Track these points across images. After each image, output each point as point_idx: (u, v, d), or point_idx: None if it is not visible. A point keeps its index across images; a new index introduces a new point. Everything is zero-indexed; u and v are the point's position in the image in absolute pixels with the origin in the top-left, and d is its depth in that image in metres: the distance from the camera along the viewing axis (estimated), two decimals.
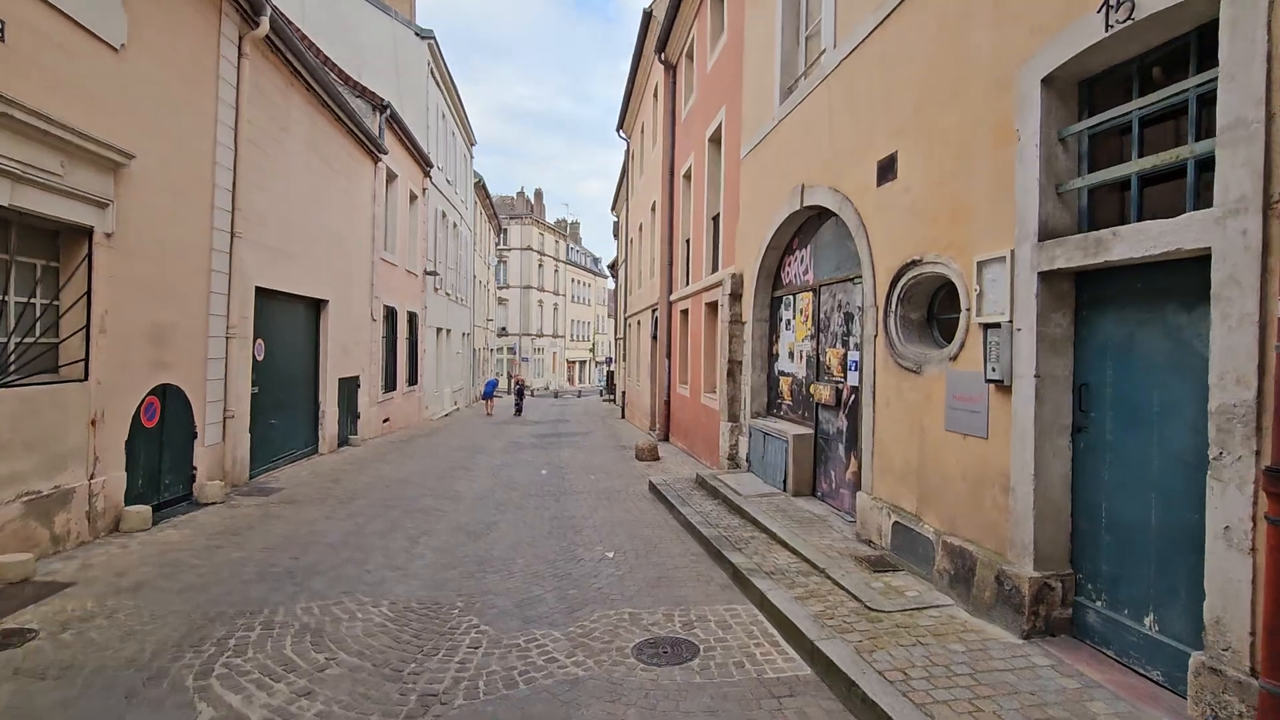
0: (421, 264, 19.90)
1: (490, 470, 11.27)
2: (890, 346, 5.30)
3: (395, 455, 12.78)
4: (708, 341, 12.11)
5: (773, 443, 7.90)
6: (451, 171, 24.69)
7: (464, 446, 14.56)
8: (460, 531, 7.17)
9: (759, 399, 8.97)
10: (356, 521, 7.48)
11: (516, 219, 52.83)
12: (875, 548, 5.43)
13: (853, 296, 6.54)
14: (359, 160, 14.01)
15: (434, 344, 21.95)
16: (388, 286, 16.41)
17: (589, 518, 7.84)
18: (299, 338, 11.44)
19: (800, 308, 7.90)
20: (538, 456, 13.10)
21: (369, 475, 10.45)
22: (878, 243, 5.55)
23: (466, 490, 9.47)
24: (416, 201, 19.31)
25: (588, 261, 67.55)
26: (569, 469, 11.50)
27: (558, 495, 9.18)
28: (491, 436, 16.92)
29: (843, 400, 6.71)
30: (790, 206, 7.50)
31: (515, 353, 51.49)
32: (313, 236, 11.47)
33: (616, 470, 11.35)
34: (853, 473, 6.47)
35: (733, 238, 10.06)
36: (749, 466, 8.85)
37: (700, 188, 12.70)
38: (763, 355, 8.96)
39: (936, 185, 4.72)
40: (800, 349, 7.90)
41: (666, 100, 15.79)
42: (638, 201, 21.07)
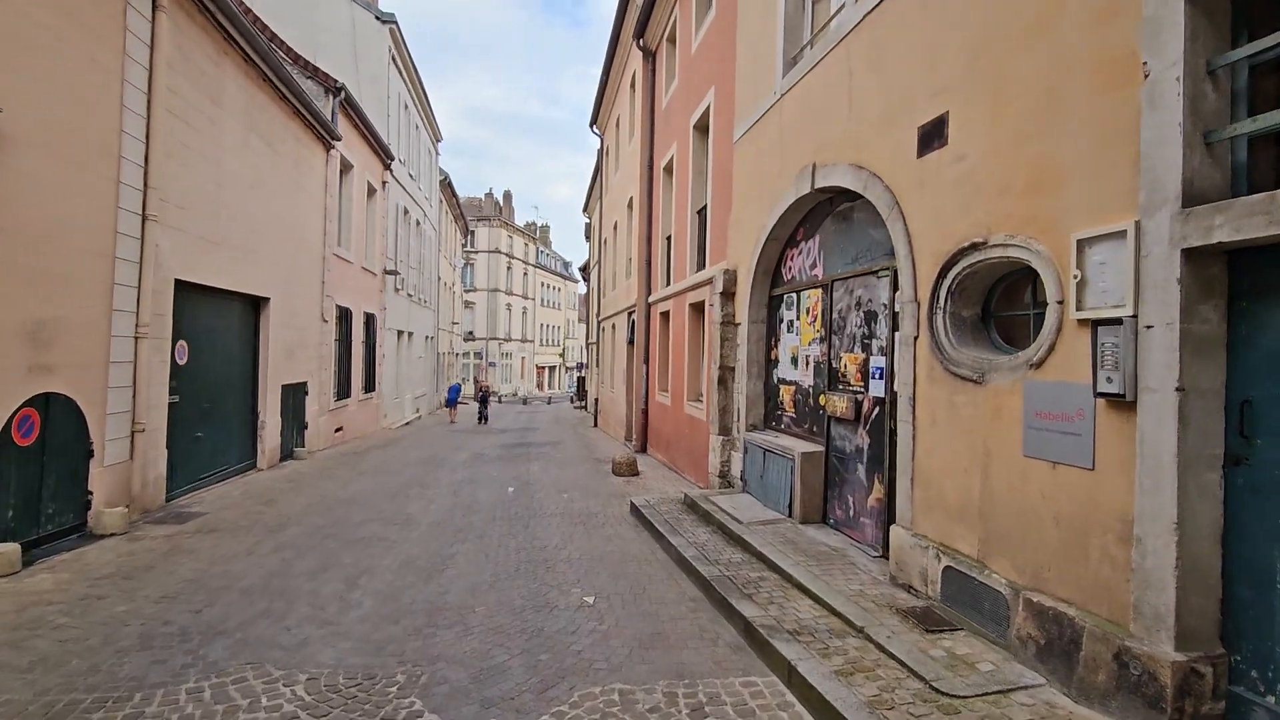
0: (381, 262, 18.58)
1: (450, 488, 10.09)
2: (938, 351, 4.33)
3: (345, 470, 11.50)
4: (692, 346, 11.12)
5: (775, 460, 6.91)
6: (415, 166, 23.38)
7: (423, 459, 13.31)
8: (410, 569, 6.01)
9: (755, 410, 7.98)
10: (284, 557, 6.27)
11: (484, 221, 51.41)
12: (918, 595, 4.45)
13: (877, 292, 5.59)
14: (308, 146, 12.74)
15: (394, 348, 20.60)
16: (342, 285, 15.10)
17: (563, 549, 6.75)
18: (233, 339, 10.13)
19: (806, 307, 6.94)
20: (504, 471, 11.94)
21: (310, 495, 9.19)
22: (919, 225, 4.59)
23: (421, 513, 8.29)
24: (375, 195, 18.01)
25: (558, 265, 66.29)
26: (538, 486, 10.38)
27: (526, 519, 8.06)
28: (454, 448, 15.68)
29: (863, 414, 5.75)
30: (797, 191, 6.54)
31: (482, 358, 49.95)
32: (252, 226, 10.19)
33: (592, 488, 10.26)
34: (877, 499, 5.50)
35: (723, 231, 9.09)
36: (744, 486, 7.85)
37: (684, 180, 11.73)
38: (759, 361, 7.98)
39: (1007, 148, 3.78)
40: (806, 354, 6.94)
41: (645, 89, 14.81)
42: (613, 199, 20.05)
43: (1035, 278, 3.97)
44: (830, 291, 6.41)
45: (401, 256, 21.18)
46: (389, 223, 19.37)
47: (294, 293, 12.09)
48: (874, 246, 5.67)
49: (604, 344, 21.76)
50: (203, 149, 8.60)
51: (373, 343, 17.90)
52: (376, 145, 17.29)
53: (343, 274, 15.19)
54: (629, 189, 16.45)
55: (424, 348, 26.00)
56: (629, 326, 16.31)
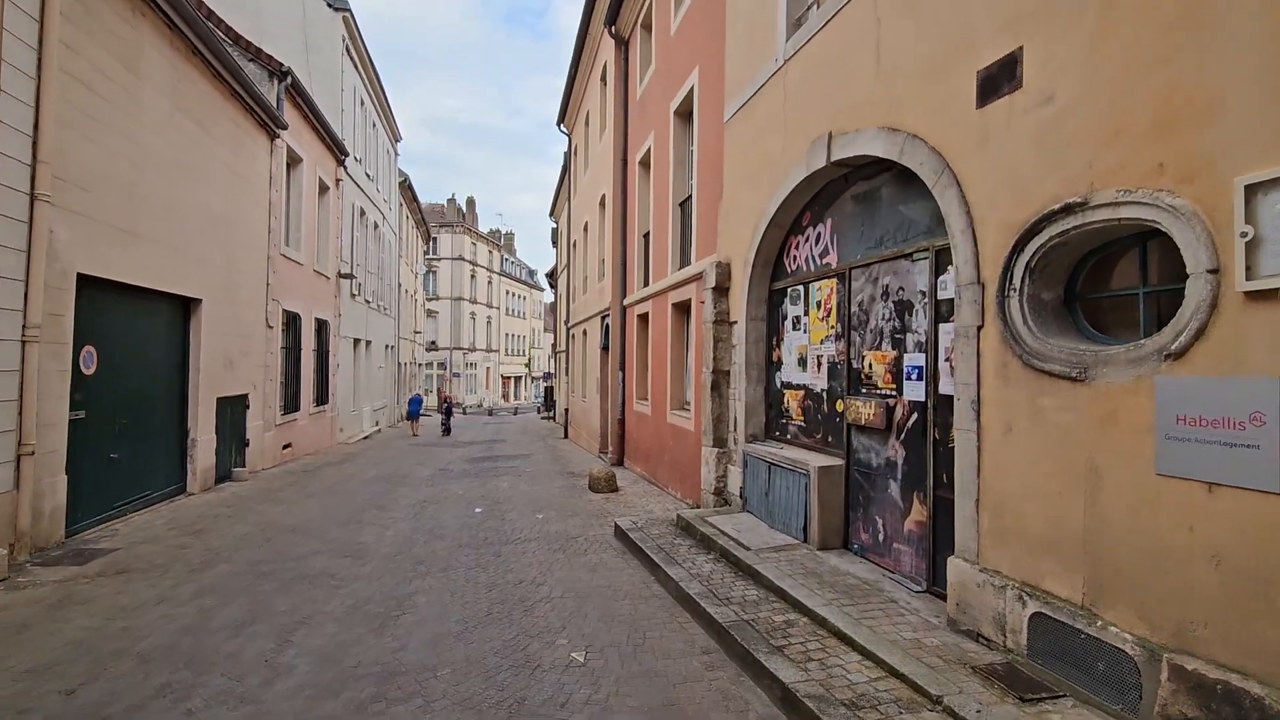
0: (335, 265, 17.33)
1: (411, 510, 8.99)
2: (1014, 343, 3.51)
3: (291, 492, 10.30)
4: (675, 349, 10.24)
5: (783, 476, 6.03)
6: (372, 166, 22.14)
7: (381, 477, 12.14)
8: (359, 616, 4.97)
9: (755, 418, 7.11)
10: (205, 605, 5.16)
11: (447, 227, 49.98)
12: (993, 647, 3.60)
13: (911, 279, 4.78)
14: (249, 132, 11.55)
15: (350, 357, 19.29)
16: (290, 288, 13.86)
17: (542, 583, 5.77)
18: (158, 346, 8.90)
19: (817, 300, 6.10)
20: (471, 488, 10.87)
21: (248, 523, 8.01)
22: (982, 191, 3.77)
23: (376, 542, 7.21)
24: (328, 194, 16.78)
25: (523, 273, 65.01)
26: (509, 505, 9.34)
27: (497, 546, 7.05)
28: (416, 462, 14.50)
29: (896, 421, 4.91)
30: (808, 167, 5.71)
31: (446, 368, 48.38)
32: (180, 217, 8.99)
33: (569, 505, 9.27)
34: (918, 523, 4.66)
35: (712, 222, 8.24)
36: (745, 505, 6.96)
37: (663, 171, 10.88)
38: (759, 363, 7.13)
39: (1122, 80, 2.98)
40: (818, 353, 6.09)
41: (618, 80, 13.96)
42: (582, 199, 19.13)
43: (1143, 247, 3.17)
44: (848, 281, 5.58)
45: (358, 260, 19.91)
46: (344, 223, 18.12)
47: (233, 295, 10.87)
48: (907, 225, 4.86)
49: (574, 351, 20.77)
50: (114, 123, 7.43)
51: (325, 351, 16.62)
52: (329, 139, 16.08)
53: (291, 276, 13.95)
54: (601, 187, 15.56)
55: (384, 357, 24.66)
56: (602, 331, 15.38)
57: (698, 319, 8.78)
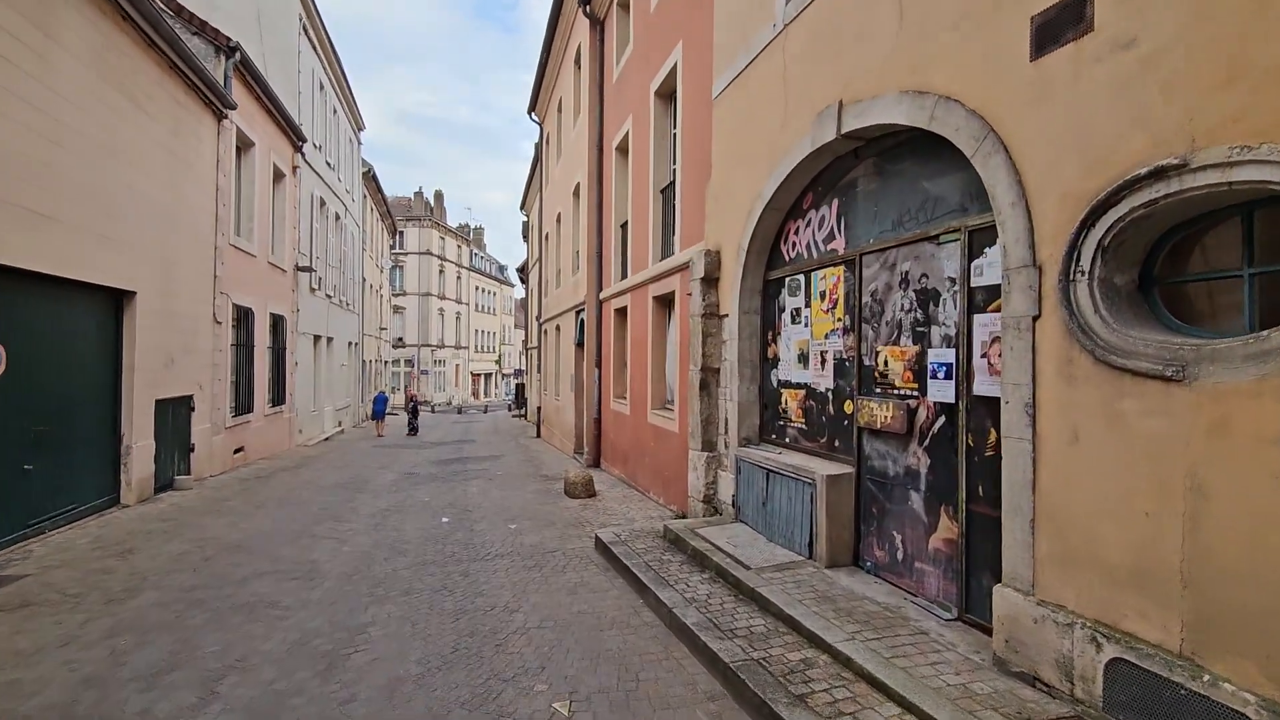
0: (292, 258, 16.34)
1: (371, 520, 8.23)
2: (1084, 335, 2.95)
3: (240, 502, 9.44)
4: (656, 345, 9.62)
5: (784, 485, 5.45)
6: (334, 154, 21.09)
7: (341, 483, 11.31)
8: (302, 655, 4.26)
9: (749, 420, 6.53)
10: (118, 647, 4.40)
11: (414, 221, 48.68)
12: (1057, 695, 3.05)
13: (937, 264, 4.22)
14: (192, 112, 10.61)
15: (310, 354, 18.30)
16: (241, 281, 12.91)
17: (515, 609, 5.11)
18: (84, 344, 8.00)
19: (821, 290, 5.53)
20: (438, 494, 10.12)
21: (185, 540, 7.19)
22: (1037, 156, 3.21)
23: (330, 560, 6.47)
24: (284, 181, 15.79)
25: (493, 269, 63.80)
26: (479, 513, 8.64)
27: (465, 563, 6.36)
28: (380, 466, 13.67)
29: (918, 425, 4.36)
30: (813, 141, 5.13)
31: (413, 366, 47.14)
32: (108, 201, 8.09)
33: (543, 514, 8.60)
34: (946, 541, 4.11)
35: (699, 207, 7.64)
36: (738, 514, 6.38)
37: (643, 156, 10.24)
38: (753, 360, 6.54)
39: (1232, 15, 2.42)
40: (822, 349, 5.52)
41: (593, 62, 13.27)
42: (555, 189, 18.39)
43: (1248, 219, 2.64)
44: (858, 269, 5.01)
45: (318, 253, 18.91)
46: (302, 214, 17.12)
47: (174, 288, 9.95)
48: (932, 204, 4.30)
49: (546, 348, 20.04)
50: (22, 91, 6.55)
51: (282, 348, 15.66)
52: (284, 123, 15.10)
53: (243, 268, 13.00)
54: (575, 175, 14.86)
55: (347, 355, 23.62)
56: (577, 327, 14.70)
57: (683, 312, 8.18)
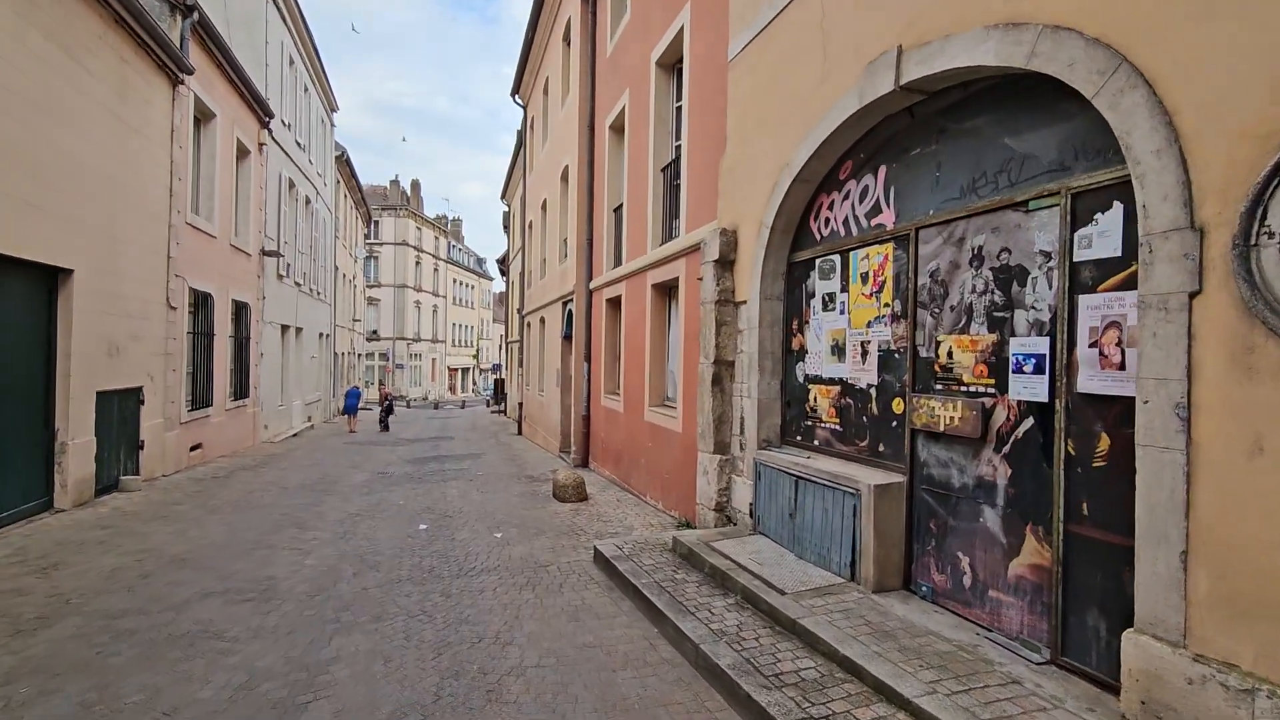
0: (258, 241, 15.30)
1: (339, 528, 7.38)
2: (1274, 314, 2.26)
3: (192, 505, 8.51)
4: (656, 337, 8.87)
5: (819, 494, 4.74)
6: (304, 134, 19.98)
7: (307, 484, 10.40)
8: (246, 705, 3.44)
9: (769, 420, 5.81)
10: (9, 699, 3.54)
11: (390, 210, 47.36)
12: None
13: (1024, 236, 3.52)
14: (142, 74, 9.60)
15: (277, 345, 17.25)
16: (200, 264, 11.90)
17: (509, 641, 4.34)
18: (9, 327, 7.02)
19: (863, 272, 4.81)
20: (414, 497, 9.28)
21: (122, 552, 6.29)
22: (1201, 88, 2.52)
23: (290, 577, 5.63)
24: (250, 159, 14.74)
25: (471, 261, 62.52)
26: (460, 519, 7.82)
27: (447, 580, 5.57)
28: (351, 465, 12.75)
29: (996, 428, 3.66)
30: (861, 96, 4.41)
31: (389, 359, 45.88)
32: (36, 166, 7.11)
33: (532, 519, 7.81)
34: (1033, 567, 3.42)
35: (709, 183, 6.90)
36: (756, 526, 5.66)
37: (641, 133, 9.47)
38: (775, 352, 5.82)
39: None
40: (863, 339, 4.81)
41: (585, 36, 12.45)
42: (540, 175, 17.53)
43: None
44: (912, 245, 4.31)
45: (286, 238, 17.84)
46: (269, 195, 16.06)
47: (119, 267, 8.96)
48: (1018, 164, 3.60)
49: (529, 341, 19.19)
50: None
51: (246, 338, 14.62)
52: (249, 95, 14.04)
53: (201, 250, 11.98)
54: (563, 158, 14.03)
55: (318, 346, 22.52)
56: (564, 318, 13.90)
57: (689, 300, 7.44)
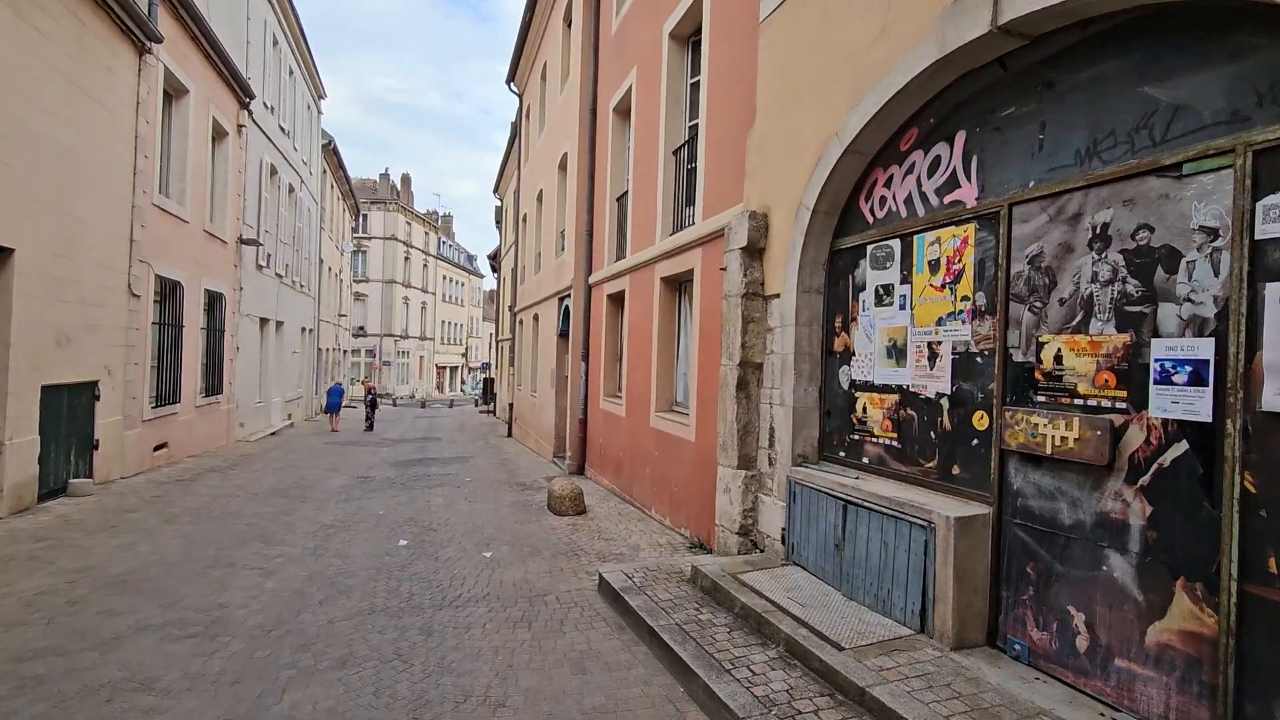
0: (235, 228, 14.39)
1: (311, 541, 6.54)
2: None
3: (148, 514, 7.64)
4: (664, 336, 8.08)
5: (876, 524, 3.97)
6: (288, 118, 19.05)
7: (280, 489, 9.53)
8: None
9: (806, 431, 5.03)
10: None
11: (379, 204, 46.32)
12: None
13: (1174, 209, 2.77)
14: (104, 38, 8.71)
15: (255, 339, 16.32)
16: (169, 249, 11.01)
17: (502, 701, 3.53)
18: None
19: (933, 259, 4.05)
20: (395, 505, 8.44)
21: (54, 572, 5.42)
22: None
23: (247, 604, 4.80)
24: (227, 140, 13.84)
25: (461, 258, 61.51)
26: (445, 533, 7.00)
27: (428, 612, 4.76)
28: (330, 467, 11.88)
29: (1130, 453, 2.90)
30: (941, 45, 3.64)
31: (375, 356, 44.83)
32: None
33: (526, 535, 7.00)
34: (1185, 634, 2.67)
35: (733, 163, 6.14)
36: (789, 554, 4.88)
37: (650, 114, 8.69)
38: (813, 354, 5.05)
39: None
40: (932, 339, 4.04)
41: (587, 16, 11.66)
42: (536, 164, 16.71)
43: None
44: (1003, 225, 3.55)
45: (267, 226, 16.92)
46: (248, 180, 15.15)
47: (71, 249, 8.07)
48: (1164, 118, 2.84)
49: (522, 339, 18.35)
50: None
51: (220, 330, 13.71)
52: (227, 72, 13.14)
53: (170, 235, 11.09)
54: (562, 145, 13.23)
55: (300, 341, 21.57)
56: (560, 315, 13.09)
57: (705, 294, 6.66)
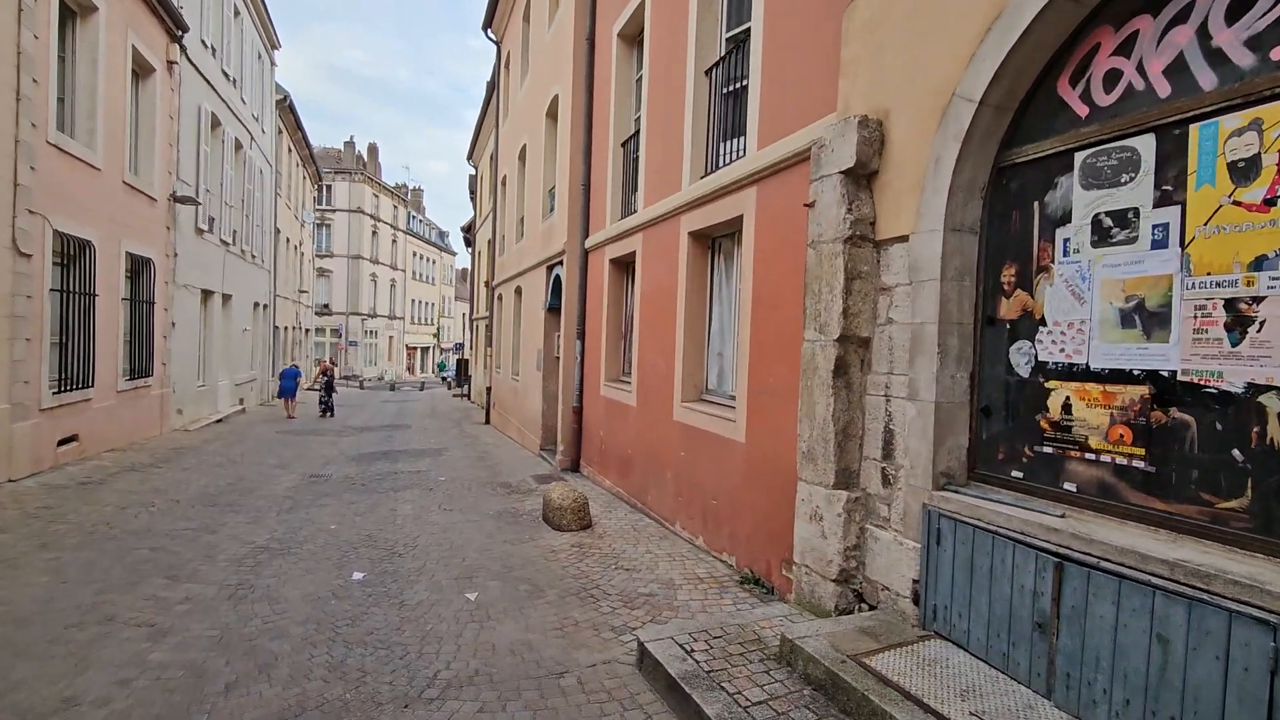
0: (166, 183, 12.31)
1: (232, 574, 4.79)
2: None
3: (20, 535, 5.79)
4: (694, 305, 6.42)
5: (1142, 602, 2.38)
6: (234, 65, 16.78)
7: (210, 493, 7.71)
8: None
9: (952, 439, 3.42)
10: None
11: (344, 174, 43.61)
12: None
13: None
14: None
15: (197, 313, 14.27)
16: (73, 201, 9.00)
17: None
18: None
19: (1240, 158, 2.41)
20: (351, 516, 6.70)
21: None
22: None
23: (111, 700, 3.06)
24: (154, 79, 11.72)
25: (433, 234, 58.89)
26: (414, 561, 5.30)
27: (389, 710, 3.09)
28: (278, 463, 10.05)
29: None
30: None
31: (341, 336, 42.40)
32: None
33: (520, 564, 5.34)
34: None
35: (805, 68, 4.47)
36: (927, 619, 3.30)
37: (673, 27, 6.94)
38: (964, 322, 3.42)
39: None
40: (1237, 296, 2.43)
41: None
42: (518, 119, 14.80)
43: None
44: None
45: (209, 185, 14.80)
46: (183, 129, 13.02)
47: None
48: None
49: (502, 316, 16.54)
50: None
51: (149, 302, 11.68)
52: None
53: (76, 183, 9.07)
54: (551, 87, 11.38)
55: (253, 318, 19.44)
56: (548, 287, 11.34)
57: (763, 247, 5.01)
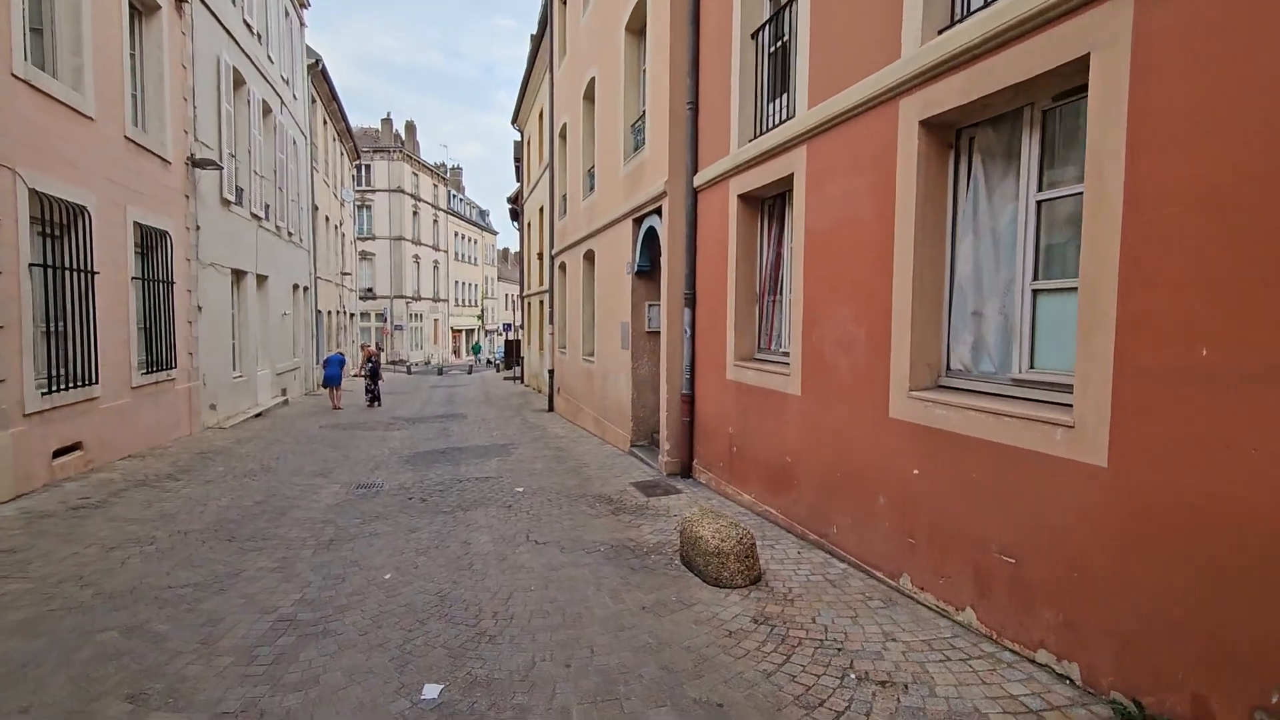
0: (183, 143, 10.51)
1: (238, 685, 2.87)
2: None
3: None
4: (930, 242, 4.19)
5: None
6: (257, 16, 14.91)
7: (228, 520, 5.84)
8: None
9: None
10: None
11: (383, 153, 42.11)
12: None
13: None
14: None
15: (227, 296, 12.57)
16: (58, 155, 7.18)
17: None
18: None
19: None
20: (412, 559, 4.72)
21: None
22: None
23: None
24: (160, 19, 9.85)
25: (474, 214, 57.27)
26: (512, 651, 3.26)
27: None
28: (319, 469, 8.21)
29: None
30: None
31: (386, 320, 41.16)
32: None
33: (683, 659, 3.26)
34: None
35: None
36: None
37: None
38: None
39: None
40: None
41: None
42: (584, 45, 12.55)
43: None
44: None
45: (233, 149, 13.02)
46: (198, 81, 11.18)
47: None
48: None
49: (567, 288, 14.48)
50: None
51: (168, 282, 9.94)
52: None
53: (61, 132, 7.25)
54: (621, 12, 9.11)
55: (292, 301, 17.82)
56: (635, 245, 9.19)
57: (1151, 104, 2.76)
